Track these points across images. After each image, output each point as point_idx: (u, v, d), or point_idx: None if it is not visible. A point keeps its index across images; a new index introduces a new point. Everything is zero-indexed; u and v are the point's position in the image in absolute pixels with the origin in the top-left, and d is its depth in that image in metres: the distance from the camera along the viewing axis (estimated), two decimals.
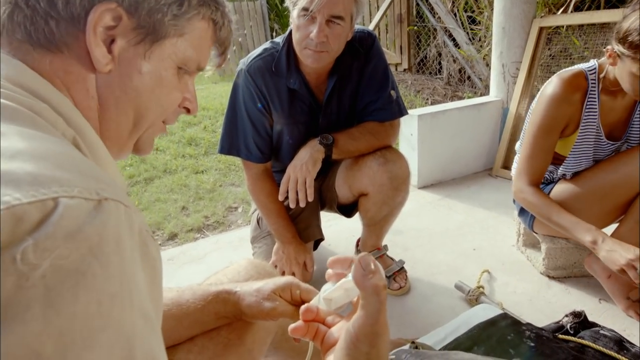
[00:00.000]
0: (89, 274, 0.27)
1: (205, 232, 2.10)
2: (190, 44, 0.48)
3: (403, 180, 1.32)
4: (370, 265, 0.40)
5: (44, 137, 0.33)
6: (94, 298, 0.27)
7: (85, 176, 0.31)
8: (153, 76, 0.47)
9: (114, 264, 0.28)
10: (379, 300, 0.39)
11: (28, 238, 0.25)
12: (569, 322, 1.16)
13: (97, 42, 0.42)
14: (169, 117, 0.54)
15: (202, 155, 3.08)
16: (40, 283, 0.25)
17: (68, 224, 0.27)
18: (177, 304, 0.67)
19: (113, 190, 0.32)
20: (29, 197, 0.26)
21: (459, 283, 1.44)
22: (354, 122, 1.38)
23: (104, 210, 0.29)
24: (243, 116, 1.27)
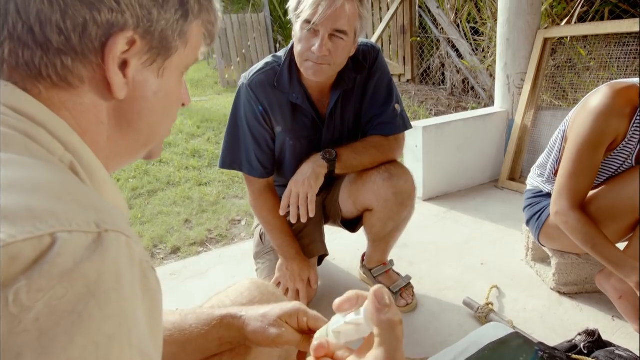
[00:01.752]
0: (85, 315, 0.25)
1: (208, 246, 2.08)
2: (192, 48, 0.48)
3: (408, 196, 1.29)
4: (385, 299, 0.38)
5: (38, 165, 0.32)
6: (90, 341, 0.25)
7: (84, 207, 0.29)
8: (166, 92, 0.46)
9: (113, 302, 0.27)
10: (396, 336, 0.37)
11: (21, 278, 0.23)
12: (583, 341, 1.12)
13: (115, 71, 0.40)
14: None
15: (205, 167, 3.07)
16: (33, 327, 0.23)
17: (65, 261, 0.25)
18: (180, 328, 0.65)
19: (113, 220, 0.30)
20: (25, 233, 0.25)
21: (468, 300, 1.40)
22: (357, 137, 1.37)
23: (103, 243, 0.28)
24: (245, 130, 1.26)
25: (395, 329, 0.37)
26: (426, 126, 2.28)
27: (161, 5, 0.42)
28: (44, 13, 0.37)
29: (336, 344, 0.46)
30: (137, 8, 0.40)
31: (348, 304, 0.45)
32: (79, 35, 0.38)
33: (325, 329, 0.51)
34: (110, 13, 0.38)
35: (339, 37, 1.10)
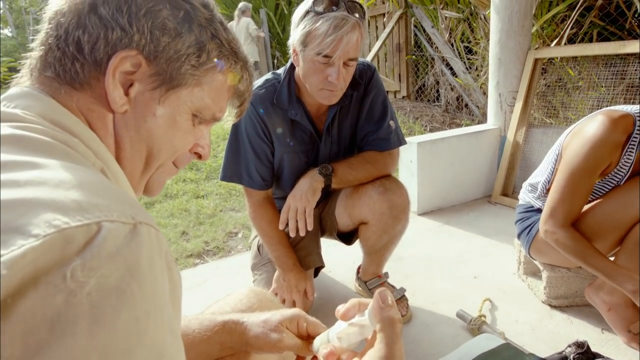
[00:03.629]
0: (128, 292, 0.29)
1: (205, 258, 2.10)
2: (207, 94, 0.51)
3: (403, 209, 1.33)
4: (388, 299, 0.41)
5: (79, 168, 0.36)
6: (132, 315, 0.29)
7: (121, 202, 0.34)
8: (167, 120, 0.49)
9: (148, 283, 0.31)
10: (395, 332, 0.41)
11: (76, 258, 0.27)
12: (572, 353, 1.15)
13: (115, 85, 0.45)
14: (180, 160, 0.56)
15: (203, 180, 3.10)
16: (86, 300, 0.27)
17: (109, 246, 0.29)
18: (183, 333, 0.67)
19: (144, 214, 0.34)
20: (76, 221, 0.29)
21: (461, 312, 1.43)
22: (353, 151, 1.41)
23: (138, 233, 0.32)
24: (245, 144, 1.30)
25: (395, 325, 0.40)
26: (421, 142, 2.33)
27: (174, 36, 0.46)
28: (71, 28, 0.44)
29: (340, 348, 0.49)
30: (147, 32, 0.45)
31: (352, 310, 0.49)
32: (91, 46, 0.44)
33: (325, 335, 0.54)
34: (121, 32, 0.44)
35: (350, 65, 1.15)
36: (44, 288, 0.26)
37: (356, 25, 1.09)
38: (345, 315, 0.48)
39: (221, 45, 0.50)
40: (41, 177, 0.32)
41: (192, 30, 0.48)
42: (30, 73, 0.46)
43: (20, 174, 0.31)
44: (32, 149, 0.35)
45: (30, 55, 0.47)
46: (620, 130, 1.17)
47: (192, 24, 0.48)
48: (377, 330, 0.41)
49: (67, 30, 0.44)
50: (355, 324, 0.46)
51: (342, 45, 1.07)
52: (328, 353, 0.48)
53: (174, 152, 0.53)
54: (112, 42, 0.44)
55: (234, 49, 0.52)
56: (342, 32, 1.06)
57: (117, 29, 0.44)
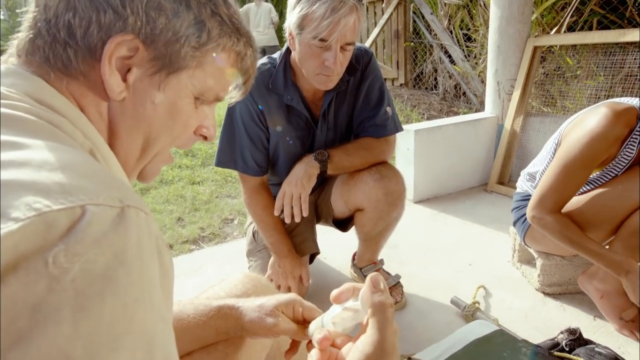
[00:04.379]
0: (114, 279, 0.28)
1: (200, 244, 2.09)
2: (210, 74, 0.48)
3: (398, 196, 1.33)
4: (380, 284, 0.41)
5: (65, 149, 0.34)
6: (119, 302, 0.28)
7: (108, 185, 0.32)
8: (167, 106, 0.47)
9: (136, 269, 0.30)
10: (386, 316, 0.40)
11: (59, 243, 0.26)
12: (565, 339, 1.16)
13: (111, 71, 0.42)
14: (182, 142, 0.53)
15: (198, 166, 3.08)
16: (70, 287, 0.26)
17: (95, 231, 0.28)
18: (178, 318, 0.67)
19: (133, 197, 0.33)
20: (58, 204, 0.27)
21: (455, 299, 1.44)
22: (350, 138, 1.40)
23: (126, 217, 0.31)
24: (240, 130, 1.28)
25: (386, 310, 0.40)
26: (418, 129, 2.32)
27: (170, 16, 0.43)
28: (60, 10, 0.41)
29: (334, 332, 0.49)
30: (142, 14, 0.42)
31: (345, 294, 0.48)
32: (84, 31, 0.41)
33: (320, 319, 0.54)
34: (114, 15, 0.41)
35: (347, 49, 1.13)
36: (24, 274, 0.25)
37: (354, 8, 1.07)
38: (338, 298, 0.47)
39: (222, 22, 0.47)
40: (24, 157, 0.30)
41: (190, 7, 0.45)
42: (18, 55, 0.44)
43: (2, 154, 0.30)
44: (15, 128, 0.34)
45: (17, 37, 0.44)
46: (623, 124, 1.15)
47: (190, 1, 0.45)
48: (369, 315, 0.41)
49: (57, 13, 0.41)
50: (349, 308, 0.46)
51: (339, 28, 1.05)
52: (322, 338, 0.48)
53: (173, 140, 0.51)
54: (106, 25, 0.41)
55: (236, 25, 0.49)
56: (339, 14, 1.04)
57: (109, 10, 0.41)
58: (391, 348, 0.39)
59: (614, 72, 2.69)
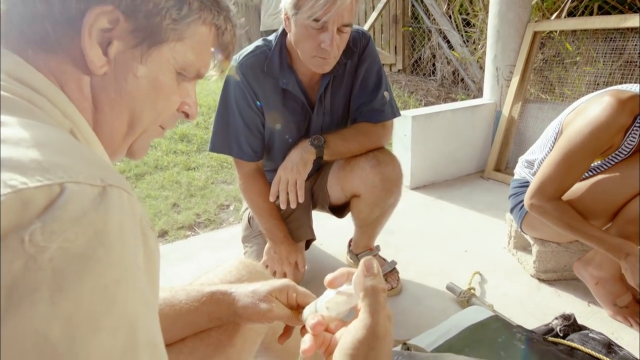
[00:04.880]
0: (94, 259, 0.27)
1: (196, 230, 2.08)
2: (191, 48, 0.47)
3: (395, 182, 1.31)
4: (374, 269, 0.40)
5: (43, 127, 0.33)
6: (100, 282, 0.27)
7: (89, 163, 0.31)
8: (149, 80, 0.46)
9: (118, 249, 0.29)
10: (378, 301, 0.39)
11: (36, 221, 0.25)
12: (559, 325, 1.17)
13: (92, 44, 0.41)
14: (166, 121, 0.53)
15: (194, 152, 3.05)
16: (47, 266, 0.25)
17: (74, 209, 0.27)
18: (170, 304, 0.66)
19: (116, 177, 0.32)
20: (35, 181, 0.26)
21: (451, 285, 1.44)
22: (347, 123, 1.38)
23: (108, 196, 0.30)
24: (235, 114, 1.26)
25: (378, 294, 0.39)
26: (415, 116, 2.30)
27: None
28: None
29: (328, 317, 0.48)
30: None
31: (340, 279, 0.47)
32: (62, 2, 0.40)
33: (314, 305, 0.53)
34: None
35: (344, 31, 1.10)
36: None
37: None
38: (332, 283, 0.47)
39: None
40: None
41: None
42: None
43: None
44: None
45: None
46: (627, 112, 1.12)
47: None
48: (361, 299, 0.40)
49: None
50: (342, 292, 0.45)
51: (336, 7, 1.02)
52: (315, 323, 0.47)
53: (158, 115, 0.50)
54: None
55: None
56: None
57: None
58: (384, 332, 0.39)
59: (613, 59, 2.66)
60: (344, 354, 0.39)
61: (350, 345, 0.39)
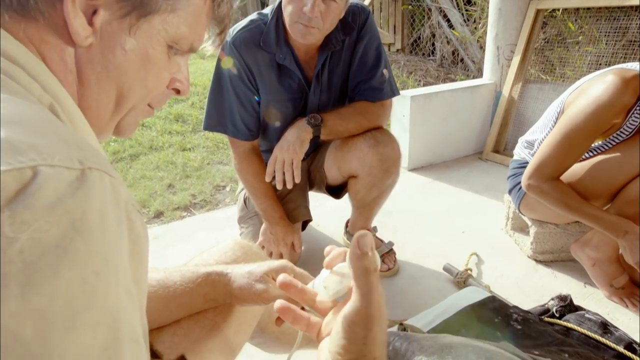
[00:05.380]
0: (71, 249, 0.25)
1: (192, 211, 2.07)
2: (184, 20, 0.44)
3: (393, 163, 1.29)
4: (366, 247, 0.38)
5: (18, 102, 0.30)
6: (77, 275, 0.25)
7: (67, 143, 0.28)
8: (138, 54, 0.42)
9: (98, 238, 0.27)
10: (369, 281, 0.38)
11: (4, 209, 0.23)
12: (555, 306, 1.17)
13: (75, 12, 0.37)
14: (155, 100, 0.49)
15: (189, 132, 3.01)
16: (17, 259, 0.23)
17: (48, 195, 0.25)
18: (164, 285, 0.65)
19: (97, 159, 0.29)
20: (5, 164, 0.24)
21: (448, 265, 1.44)
22: (344, 102, 1.35)
23: (87, 180, 0.27)
24: (229, 91, 1.22)
25: (368, 275, 0.37)
26: (414, 96, 2.26)
27: None
28: None
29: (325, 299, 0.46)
30: None
31: (337, 260, 0.46)
32: None
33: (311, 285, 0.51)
34: None
35: (332, 0, 1.06)
36: None
37: None
38: (329, 265, 0.45)
39: None
40: None
41: None
42: None
43: None
44: None
45: None
46: (631, 92, 1.10)
47: None
48: (353, 279, 0.38)
49: None
50: (336, 272, 0.44)
51: None
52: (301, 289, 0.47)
53: (147, 92, 0.47)
54: None
55: None
56: None
57: None
58: (378, 312, 0.37)
59: (616, 38, 2.62)
60: (340, 337, 0.37)
61: (345, 328, 0.37)
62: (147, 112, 0.50)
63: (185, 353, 0.64)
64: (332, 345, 0.38)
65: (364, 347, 0.37)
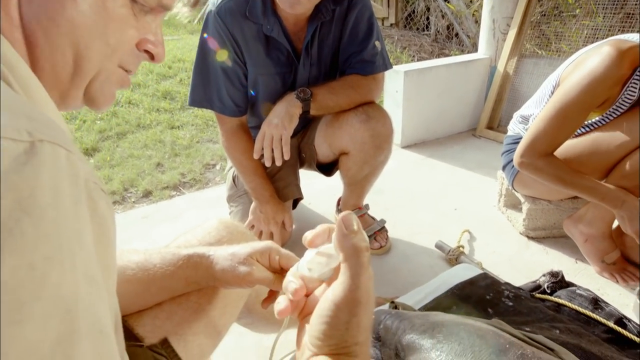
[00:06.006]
0: (17, 232, 0.22)
1: (181, 190, 2.03)
2: None
3: (385, 139, 1.26)
4: (353, 225, 0.35)
5: None
6: (24, 261, 0.22)
7: (13, 113, 0.25)
8: (93, 6, 0.37)
9: (50, 220, 0.23)
10: (360, 262, 0.35)
11: None
12: (546, 282, 1.17)
13: None
14: (126, 60, 0.44)
15: (177, 110, 2.94)
16: None
17: None
18: (143, 268, 0.61)
19: (51, 131, 0.26)
20: None
21: (440, 243, 1.43)
22: (335, 76, 1.30)
23: (37, 154, 0.24)
24: (214, 65, 1.17)
25: (360, 254, 0.34)
26: (408, 71, 2.21)
27: None
28: None
29: (309, 278, 0.43)
30: None
31: (320, 238, 0.42)
32: None
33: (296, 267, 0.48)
34: None
35: None
36: None
37: None
38: (312, 242, 0.41)
39: None
40: None
41: None
42: None
43: None
44: None
45: None
46: (627, 63, 1.06)
47: None
48: (341, 260, 0.35)
49: None
50: (322, 252, 0.40)
51: None
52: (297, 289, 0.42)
53: (111, 51, 0.41)
54: None
55: None
56: None
57: None
58: (365, 297, 0.34)
59: (614, 11, 2.56)
60: (321, 321, 0.35)
61: (328, 313, 0.34)
62: (121, 78, 0.45)
63: (168, 336, 0.62)
64: (312, 329, 0.35)
65: (345, 332, 0.34)
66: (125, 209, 1.87)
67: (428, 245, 1.46)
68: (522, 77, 2.43)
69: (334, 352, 0.34)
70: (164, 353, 0.61)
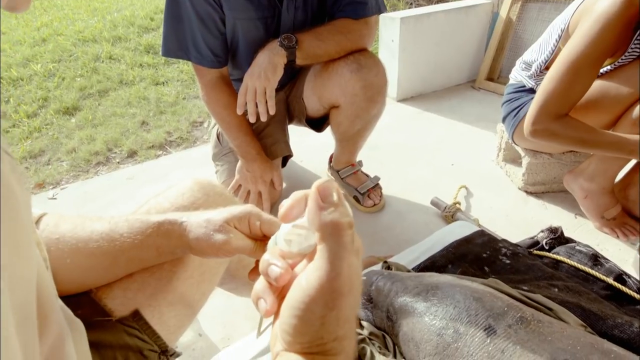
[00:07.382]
0: None
1: (167, 149, 1.95)
2: None
3: (378, 90, 1.16)
4: (332, 196, 0.28)
5: None
6: None
7: None
8: None
9: None
10: (340, 242, 0.27)
11: None
12: (545, 238, 1.13)
13: None
14: None
15: (162, 65, 2.79)
16: None
17: None
18: (109, 239, 0.55)
19: None
20: None
21: (435, 199, 1.38)
22: (323, 20, 1.18)
23: None
24: (187, 9, 1.05)
25: (340, 233, 0.27)
26: (404, 17, 2.06)
27: None
28: None
29: (289, 252, 0.36)
30: None
31: (296, 209, 0.33)
32: None
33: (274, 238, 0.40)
34: None
35: None
36: None
37: None
38: (287, 216, 0.33)
39: None
40: None
41: None
42: None
43: None
44: None
45: None
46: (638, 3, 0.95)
47: None
48: (317, 240, 0.28)
49: None
50: (299, 226, 0.33)
51: None
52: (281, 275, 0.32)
53: None
54: None
55: None
56: None
57: None
58: (347, 286, 0.27)
59: None
60: (291, 314, 0.28)
61: (299, 305, 0.28)
62: None
63: (139, 308, 0.57)
64: (282, 321, 0.29)
65: (321, 328, 0.27)
66: (110, 170, 1.80)
67: (423, 202, 1.41)
68: (526, 23, 2.28)
69: (307, 351, 0.28)
70: (136, 326, 0.56)
